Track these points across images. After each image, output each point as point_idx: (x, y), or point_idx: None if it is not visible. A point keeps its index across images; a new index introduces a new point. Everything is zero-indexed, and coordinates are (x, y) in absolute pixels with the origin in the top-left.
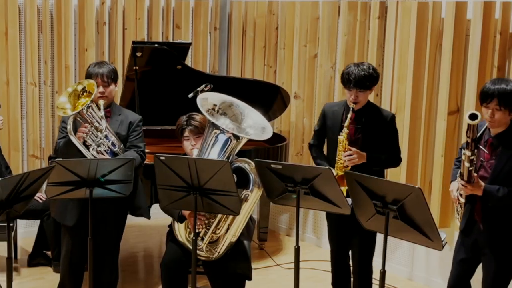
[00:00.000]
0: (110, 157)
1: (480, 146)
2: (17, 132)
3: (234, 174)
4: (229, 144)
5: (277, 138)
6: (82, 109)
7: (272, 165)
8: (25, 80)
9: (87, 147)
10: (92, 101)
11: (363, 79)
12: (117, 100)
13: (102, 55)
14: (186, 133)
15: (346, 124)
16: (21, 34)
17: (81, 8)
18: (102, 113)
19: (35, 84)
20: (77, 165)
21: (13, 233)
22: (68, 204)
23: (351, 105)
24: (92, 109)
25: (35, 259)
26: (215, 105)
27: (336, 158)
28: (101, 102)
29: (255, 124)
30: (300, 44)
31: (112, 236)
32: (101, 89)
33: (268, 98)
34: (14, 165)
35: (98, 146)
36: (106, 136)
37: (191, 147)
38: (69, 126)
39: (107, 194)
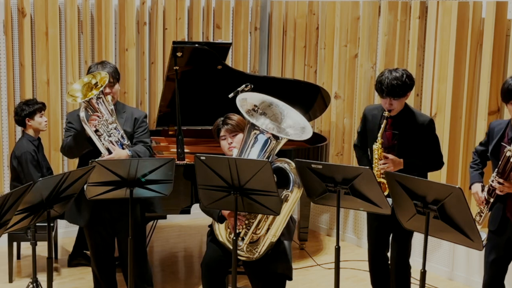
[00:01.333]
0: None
1: (503, 143)
2: (58, 132)
3: (274, 174)
4: (269, 144)
5: (317, 138)
6: (92, 98)
7: (313, 165)
8: (65, 80)
9: (99, 137)
10: (102, 93)
11: (396, 88)
12: (157, 100)
13: (142, 55)
14: (223, 132)
15: (379, 133)
16: (61, 34)
17: (122, 8)
18: (111, 106)
19: None
20: (118, 165)
21: (53, 233)
22: (80, 205)
23: (386, 114)
24: (103, 101)
25: (76, 259)
26: (254, 105)
27: (373, 166)
28: (109, 98)
29: (295, 124)
30: (340, 44)
31: (135, 233)
32: (107, 89)
33: (308, 98)
34: (54, 165)
35: (109, 136)
36: (116, 128)
37: (229, 145)
38: (82, 114)
39: (147, 194)
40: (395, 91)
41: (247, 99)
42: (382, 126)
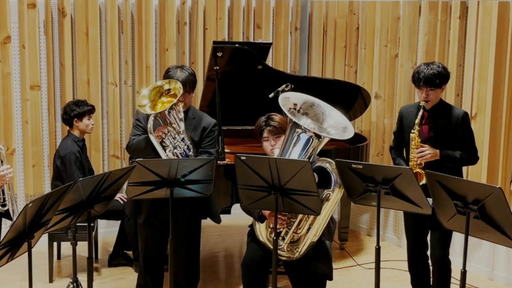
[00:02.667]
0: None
1: None
2: (98, 132)
3: (315, 174)
4: (311, 144)
5: (357, 138)
6: (165, 110)
7: (353, 165)
8: (105, 80)
9: (164, 148)
10: (175, 103)
11: (433, 77)
12: (198, 100)
13: (182, 55)
14: (265, 134)
15: (416, 121)
16: (101, 34)
17: (162, 8)
18: (181, 115)
19: (116, 84)
20: (158, 165)
21: (93, 233)
22: (139, 202)
23: (422, 104)
24: (174, 111)
25: (116, 259)
26: (296, 104)
27: (410, 156)
28: (181, 105)
29: (336, 124)
30: (381, 44)
31: (187, 237)
32: (181, 98)
33: (348, 98)
34: (95, 165)
35: (175, 148)
36: (183, 139)
37: (271, 147)
38: (150, 125)
39: (188, 194)
40: (431, 81)
41: (289, 98)
42: (419, 114)
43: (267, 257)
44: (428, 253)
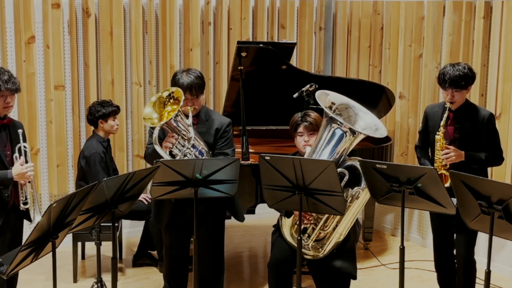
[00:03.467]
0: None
1: None
2: (122, 132)
3: (346, 172)
4: (344, 140)
5: (382, 138)
6: (170, 119)
7: (377, 165)
8: (130, 80)
9: (173, 156)
10: (179, 110)
11: (458, 79)
12: (222, 101)
13: (207, 55)
14: (301, 129)
15: (442, 123)
16: (126, 34)
17: (186, 8)
18: (190, 121)
19: (140, 84)
20: (182, 165)
21: (118, 233)
22: (163, 204)
23: (448, 105)
24: (180, 118)
25: (140, 259)
26: (333, 103)
27: (435, 158)
28: (190, 109)
29: (366, 126)
30: (405, 44)
31: (211, 237)
32: (190, 102)
33: (373, 98)
34: (119, 165)
35: (185, 155)
36: (193, 146)
37: (304, 143)
38: (155, 136)
39: (212, 194)
40: (457, 82)
41: (328, 95)
42: (445, 116)
43: (293, 256)
44: (454, 252)
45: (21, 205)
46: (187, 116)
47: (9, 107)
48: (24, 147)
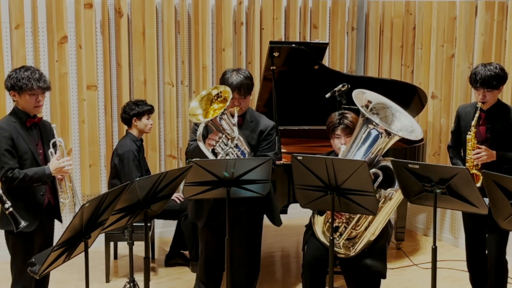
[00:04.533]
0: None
1: None
2: (155, 132)
3: (380, 172)
4: (379, 141)
5: None
6: (216, 117)
7: (410, 165)
8: (162, 80)
9: (216, 154)
10: (225, 109)
11: (490, 79)
12: (255, 100)
13: (239, 55)
14: (338, 132)
15: (473, 123)
16: (158, 34)
17: (219, 8)
18: (235, 120)
19: (172, 84)
20: (214, 165)
21: (150, 233)
22: (201, 205)
23: (479, 105)
24: (226, 117)
25: (173, 259)
26: (370, 101)
27: (467, 157)
28: (236, 110)
29: (402, 128)
30: (437, 44)
31: (248, 237)
32: (236, 102)
33: (405, 98)
34: (151, 165)
35: (227, 154)
36: (236, 146)
37: (340, 146)
38: (199, 132)
39: (244, 194)
40: (489, 82)
41: (364, 94)
42: (476, 116)
43: (326, 255)
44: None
45: (61, 200)
46: (232, 116)
47: (39, 106)
48: (59, 141)
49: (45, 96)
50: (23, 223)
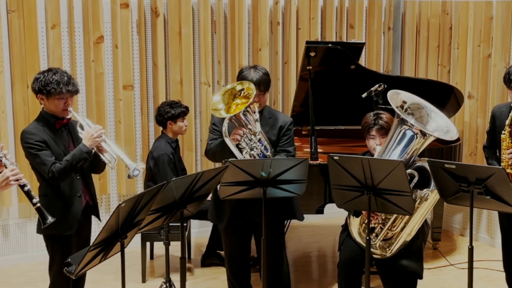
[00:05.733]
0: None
1: None
2: (191, 132)
3: (416, 173)
4: (414, 142)
5: None
6: (240, 112)
7: (446, 165)
8: (198, 80)
9: (240, 150)
10: (249, 105)
11: None
12: (290, 100)
13: (275, 55)
14: (373, 132)
15: (507, 122)
16: (194, 34)
17: (255, 8)
18: (257, 116)
19: (209, 84)
20: (251, 165)
21: (186, 233)
22: (223, 205)
23: None
24: (249, 112)
25: (209, 259)
26: (404, 102)
27: (501, 157)
28: (256, 105)
29: (438, 128)
30: (473, 44)
31: (273, 237)
32: (256, 98)
33: (441, 98)
34: (187, 165)
35: (252, 149)
36: (259, 140)
37: (375, 146)
38: (224, 128)
39: (280, 194)
40: None
41: (399, 94)
42: (510, 115)
43: (362, 256)
44: None
45: (109, 166)
46: (253, 112)
47: (67, 110)
48: (86, 122)
49: (73, 99)
50: (50, 219)
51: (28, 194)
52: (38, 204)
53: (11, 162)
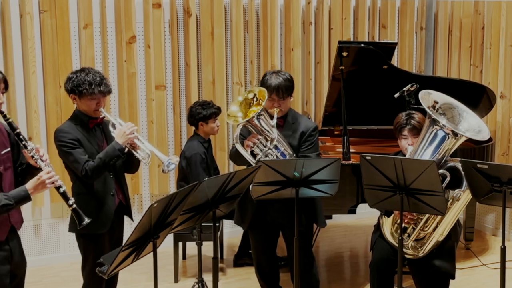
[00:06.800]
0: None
1: None
2: (223, 132)
3: (448, 173)
4: (446, 142)
5: None
6: (252, 117)
7: (478, 165)
8: (230, 80)
9: (254, 156)
10: (263, 110)
11: None
12: (323, 100)
13: (308, 55)
14: (405, 132)
15: None
16: (227, 34)
17: (287, 8)
18: (274, 122)
19: (241, 84)
20: (283, 165)
21: (219, 233)
22: (246, 206)
23: None
24: (264, 118)
25: (241, 259)
26: (436, 102)
27: None
28: (276, 111)
29: (470, 128)
30: (506, 44)
31: (301, 238)
32: (275, 104)
33: (474, 98)
34: (220, 165)
35: (266, 156)
36: (276, 147)
37: (407, 146)
38: (236, 134)
39: (313, 194)
40: None
41: (431, 95)
42: None
43: (394, 256)
44: None
45: (143, 162)
46: (271, 117)
47: (99, 110)
48: (118, 121)
49: (106, 99)
50: (86, 220)
51: (64, 196)
52: (74, 205)
53: (46, 163)
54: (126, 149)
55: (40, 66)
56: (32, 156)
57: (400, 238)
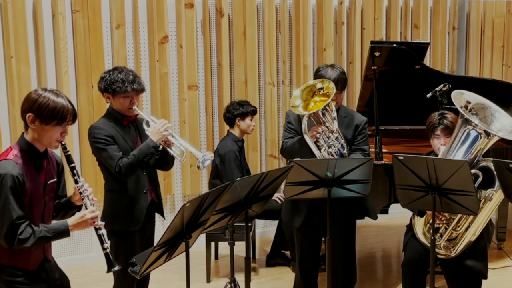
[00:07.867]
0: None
1: None
2: (256, 132)
3: (480, 173)
4: (478, 141)
5: None
6: (319, 110)
7: (511, 165)
8: (263, 80)
9: (319, 147)
10: (328, 103)
11: None
12: (355, 100)
13: (340, 55)
14: (438, 132)
15: None
16: (259, 34)
17: (320, 8)
18: (334, 114)
19: (273, 84)
20: (315, 165)
21: (251, 233)
22: (297, 205)
23: None
24: (327, 110)
25: (274, 259)
26: (468, 102)
27: None
28: (333, 104)
29: (502, 128)
30: None
31: (344, 237)
32: (333, 96)
33: (506, 98)
34: (252, 165)
35: (329, 147)
36: (337, 138)
37: (440, 146)
38: (304, 125)
39: (345, 194)
40: None
41: (463, 95)
42: None
43: (426, 256)
44: None
45: (178, 159)
46: (331, 110)
47: (133, 108)
48: (152, 119)
49: (139, 97)
50: (116, 267)
51: (101, 238)
52: (108, 250)
53: (92, 202)
54: (161, 147)
55: (73, 66)
56: (81, 193)
57: (432, 238)
